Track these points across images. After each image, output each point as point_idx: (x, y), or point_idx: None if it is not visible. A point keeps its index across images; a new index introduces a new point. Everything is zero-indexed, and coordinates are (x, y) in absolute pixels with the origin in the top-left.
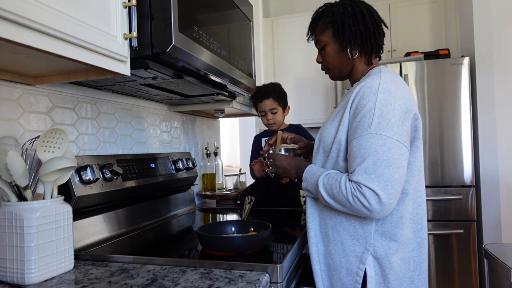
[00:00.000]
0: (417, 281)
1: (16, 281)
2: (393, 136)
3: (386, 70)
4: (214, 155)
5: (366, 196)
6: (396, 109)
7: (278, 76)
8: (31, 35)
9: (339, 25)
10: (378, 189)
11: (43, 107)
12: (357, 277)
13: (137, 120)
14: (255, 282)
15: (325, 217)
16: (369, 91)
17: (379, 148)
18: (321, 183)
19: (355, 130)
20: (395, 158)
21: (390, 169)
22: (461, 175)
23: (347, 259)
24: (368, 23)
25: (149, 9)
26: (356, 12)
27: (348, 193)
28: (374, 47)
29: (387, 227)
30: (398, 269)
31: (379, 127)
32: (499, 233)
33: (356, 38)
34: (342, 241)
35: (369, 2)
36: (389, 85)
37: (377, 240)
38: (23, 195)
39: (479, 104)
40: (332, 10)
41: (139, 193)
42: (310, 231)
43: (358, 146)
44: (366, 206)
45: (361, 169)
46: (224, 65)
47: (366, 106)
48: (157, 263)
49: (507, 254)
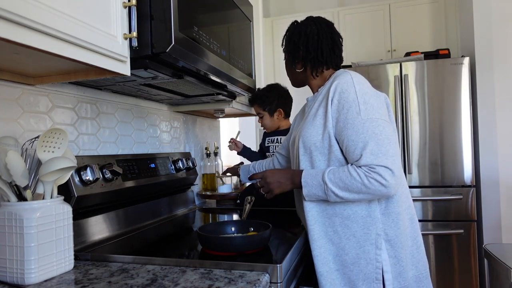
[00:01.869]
0: (416, 255)
1: (16, 281)
2: (381, 117)
3: (350, 71)
4: (214, 155)
5: (381, 174)
6: (373, 96)
7: (278, 76)
8: (31, 35)
9: (287, 41)
10: (389, 164)
11: (43, 107)
12: (377, 263)
13: (137, 120)
14: (255, 282)
15: (330, 216)
16: (346, 85)
17: (376, 130)
18: (329, 180)
19: (345, 121)
20: (391, 135)
21: (391, 145)
22: (461, 175)
23: (363, 249)
24: (309, 42)
25: (149, 9)
26: (302, 31)
27: (363, 178)
28: (316, 63)
29: (391, 208)
30: (404, 247)
31: (367, 112)
32: (499, 233)
33: (298, 55)
34: (354, 234)
35: (369, 3)
36: (359, 79)
37: (385, 224)
38: (23, 195)
39: (479, 104)
40: (289, 28)
41: (139, 193)
42: (313, 234)
43: (355, 134)
44: (383, 183)
45: (367, 152)
46: (224, 65)
47: (348, 98)
48: (157, 263)
49: (507, 254)
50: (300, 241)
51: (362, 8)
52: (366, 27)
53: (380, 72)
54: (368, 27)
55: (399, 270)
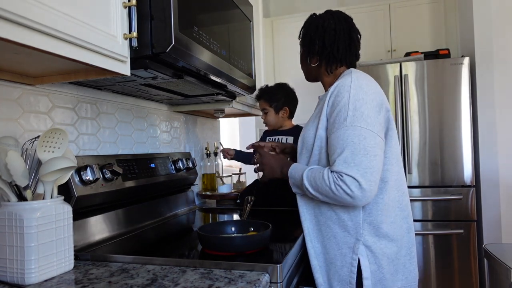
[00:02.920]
0: (408, 265)
1: (16, 281)
2: (367, 127)
3: (356, 71)
4: (214, 155)
5: (347, 183)
6: (368, 102)
7: (278, 76)
8: (31, 35)
9: (303, 34)
10: (358, 176)
11: (43, 107)
12: (351, 267)
13: (137, 120)
14: (255, 282)
15: (316, 214)
16: (343, 88)
17: (355, 139)
18: (305, 177)
19: (333, 125)
20: (371, 146)
21: (367, 157)
22: (461, 175)
23: (341, 251)
24: (326, 37)
25: (149, 9)
26: (319, 25)
27: (331, 183)
28: (331, 59)
29: (374, 216)
30: (391, 256)
31: (353, 119)
32: (499, 233)
33: (314, 49)
34: (334, 235)
35: (369, 3)
36: (360, 82)
37: (366, 230)
38: (23, 195)
39: (479, 104)
40: (307, 21)
41: (139, 193)
42: (304, 229)
43: (336, 139)
44: (348, 193)
45: (340, 159)
46: (224, 65)
47: (341, 102)
48: (157, 263)
49: (507, 254)
50: (300, 241)
51: (362, 8)
52: (366, 27)
53: (380, 72)
54: (368, 27)
55: (379, 277)
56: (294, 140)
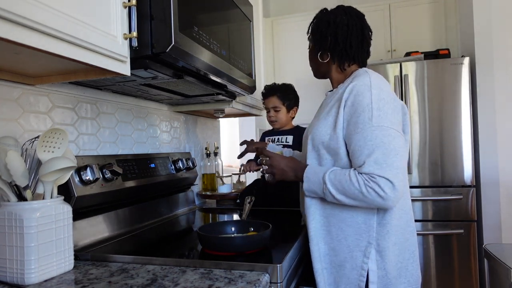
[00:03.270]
0: (410, 268)
1: (16, 281)
2: (393, 126)
3: (371, 71)
4: (214, 155)
5: (381, 185)
6: (389, 102)
7: (278, 76)
8: (31, 35)
9: (314, 29)
10: (391, 177)
11: (43, 107)
12: (362, 271)
13: (137, 120)
14: (255, 282)
15: (327, 215)
16: (363, 88)
17: (385, 139)
18: (329, 180)
19: (356, 125)
20: (399, 147)
21: (398, 157)
22: (461, 175)
23: (352, 254)
24: (339, 33)
25: (149, 9)
26: (331, 21)
27: (361, 185)
28: (344, 56)
29: (387, 219)
30: (396, 260)
31: (379, 119)
32: (499, 233)
33: (325, 45)
34: (345, 237)
35: (369, 2)
36: (379, 83)
37: (380, 234)
38: (23, 195)
39: (479, 104)
40: (318, 15)
41: (139, 193)
42: (310, 230)
43: (363, 140)
44: (381, 195)
45: (371, 161)
46: (224, 65)
47: (363, 102)
48: (157, 263)
49: (507, 254)
50: (300, 241)
51: (362, 8)
52: None
53: (380, 72)
54: None
55: (385, 282)
56: (294, 139)
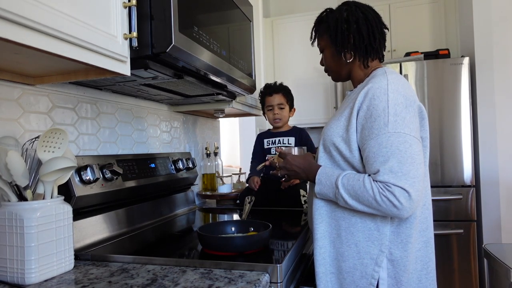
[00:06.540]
0: (424, 280)
1: (16, 281)
2: (411, 133)
3: (390, 71)
4: (214, 155)
5: (396, 195)
6: (407, 106)
7: (278, 76)
8: (31, 35)
9: (332, 31)
10: (407, 187)
11: (43, 107)
12: (372, 279)
13: (137, 120)
14: (255, 282)
15: (337, 218)
16: (379, 91)
17: (401, 146)
18: (341, 185)
19: (371, 131)
20: (416, 154)
21: (415, 165)
22: (461, 175)
23: (362, 261)
24: (362, 27)
25: (149, 9)
26: (349, 18)
27: (376, 193)
28: (369, 50)
29: (402, 229)
30: (408, 271)
31: (396, 125)
32: (499, 233)
33: (349, 43)
34: (356, 243)
35: (369, 2)
36: (397, 85)
37: (393, 243)
38: (23, 195)
39: (479, 104)
40: (329, 16)
41: (139, 193)
42: (316, 233)
43: (377, 146)
44: (396, 205)
45: (386, 169)
46: (224, 65)
47: (379, 106)
48: (157, 263)
49: (507, 254)
50: (300, 241)
51: None
52: None
53: None
54: None
55: None
56: (296, 140)
